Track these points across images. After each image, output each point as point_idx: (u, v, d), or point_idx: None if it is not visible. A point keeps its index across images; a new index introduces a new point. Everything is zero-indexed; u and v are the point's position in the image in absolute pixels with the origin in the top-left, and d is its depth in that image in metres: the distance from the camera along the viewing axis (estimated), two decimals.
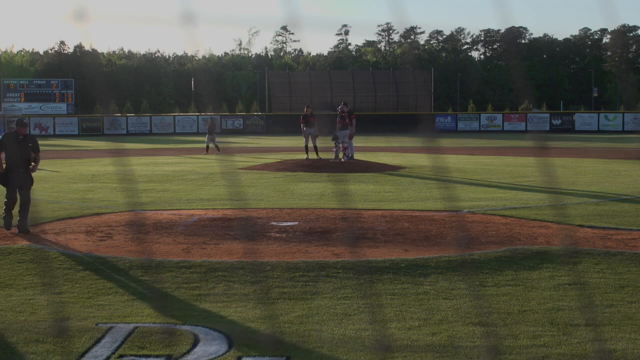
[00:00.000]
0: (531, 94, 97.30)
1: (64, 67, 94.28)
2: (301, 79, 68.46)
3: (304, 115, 24.33)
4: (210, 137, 29.86)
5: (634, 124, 54.26)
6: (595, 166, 22.77)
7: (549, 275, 7.75)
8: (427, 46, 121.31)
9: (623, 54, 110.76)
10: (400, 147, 34.40)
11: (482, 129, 56.86)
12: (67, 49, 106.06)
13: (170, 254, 8.90)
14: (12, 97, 67.97)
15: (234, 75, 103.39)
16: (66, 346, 5.56)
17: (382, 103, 65.10)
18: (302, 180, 18.57)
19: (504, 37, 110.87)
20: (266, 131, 56.96)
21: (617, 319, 6.18)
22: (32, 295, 7.16)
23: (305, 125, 24.06)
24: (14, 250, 9.11)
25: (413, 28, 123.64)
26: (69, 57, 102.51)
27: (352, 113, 24.20)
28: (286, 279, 7.62)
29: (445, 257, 8.52)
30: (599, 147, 35.01)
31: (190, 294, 7.15)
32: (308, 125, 24.08)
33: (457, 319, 6.21)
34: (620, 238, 9.80)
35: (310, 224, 11.18)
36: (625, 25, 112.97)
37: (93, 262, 8.43)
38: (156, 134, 55.45)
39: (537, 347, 5.45)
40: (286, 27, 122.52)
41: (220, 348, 5.52)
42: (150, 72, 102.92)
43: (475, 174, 19.97)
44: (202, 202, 14.32)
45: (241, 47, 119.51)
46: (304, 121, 24.10)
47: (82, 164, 25.17)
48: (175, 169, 22.63)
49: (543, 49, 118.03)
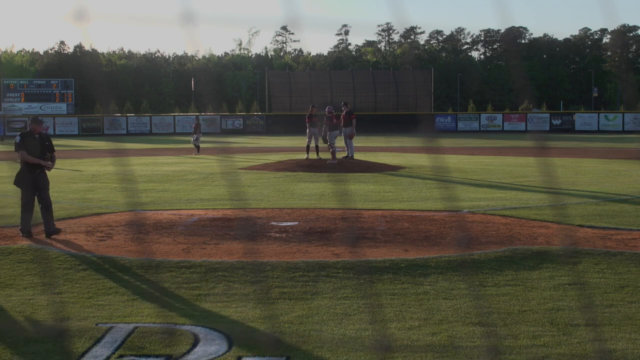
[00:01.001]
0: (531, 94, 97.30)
1: (64, 67, 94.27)
2: (301, 79, 68.45)
3: (309, 115, 24.34)
4: (196, 137, 30.27)
5: (634, 124, 54.26)
6: (595, 166, 22.77)
7: (549, 275, 7.75)
8: (427, 46, 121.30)
9: (623, 54, 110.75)
10: (400, 147, 34.40)
11: (482, 129, 56.87)
12: (67, 49, 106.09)
13: (170, 254, 8.90)
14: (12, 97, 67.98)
15: (234, 75, 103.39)
16: (66, 346, 5.56)
17: (382, 103, 65.10)
18: (302, 180, 18.57)
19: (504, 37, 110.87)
20: (266, 131, 56.97)
21: (617, 319, 6.18)
22: (32, 295, 7.16)
23: (309, 124, 24.09)
24: (14, 250, 9.11)
25: (413, 28, 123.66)
26: (69, 57, 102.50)
27: (352, 113, 24.20)
28: (286, 279, 7.62)
29: (445, 257, 8.52)
30: (599, 147, 35.01)
31: (190, 294, 7.15)
32: (312, 125, 24.11)
33: (457, 319, 6.21)
34: (620, 238, 9.80)
35: (310, 224, 11.17)
36: (625, 25, 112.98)
37: (93, 262, 8.43)
38: (156, 134, 55.44)
39: (537, 347, 5.45)
40: (286, 27, 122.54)
41: (220, 348, 5.51)
42: (150, 72, 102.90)
43: (475, 174, 19.97)
44: (202, 202, 14.32)
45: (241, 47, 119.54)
46: (309, 121, 24.12)
47: (82, 164, 25.17)
48: (175, 169, 22.62)
49: (543, 49, 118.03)
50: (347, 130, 23.83)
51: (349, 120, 23.80)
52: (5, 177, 20.05)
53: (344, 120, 23.92)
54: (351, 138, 23.88)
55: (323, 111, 24.12)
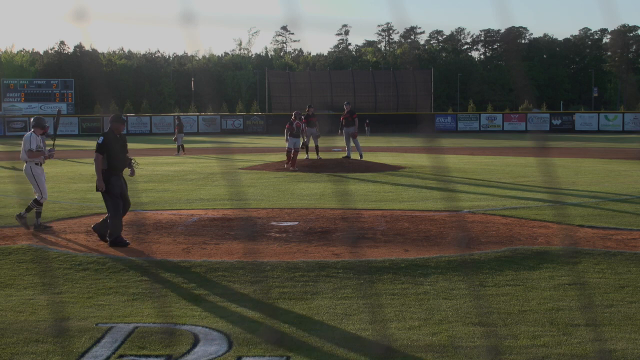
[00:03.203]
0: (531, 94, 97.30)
1: (64, 67, 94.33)
2: (301, 79, 68.52)
3: (306, 115, 24.36)
4: (179, 137, 30.81)
5: (634, 124, 54.28)
6: (595, 166, 22.76)
7: (549, 275, 7.75)
8: (427, 46, 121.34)
9: (623, 54, 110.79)
10: (400, 147, 34.40)
11: (482, 129, 56.88)
12: (67, 49, 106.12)
13: (170, 254, 8.90)
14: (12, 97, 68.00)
15: (234, 75, 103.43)
16: (66, 346, 5.56)
17: (382, 103, 65.16)
18: (302, 180, 18.57)
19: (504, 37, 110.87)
20: (266, 131, 56.97)
21: (617, 319, 6.18)
22: (32, 295, 7.16)
23: (307, 125, 24.08)
24: (14, 250, 9.11)
25: (413, 28, 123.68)
26: (69, 57, 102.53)
27: (354, 113, 24.25)
28: (286, 279, 7.62)
29: (445, 257, 8.52)
30: (599, 147, 35.01)
31: (190, 294, 7.14)
32: (310, 125, 24.11)
33: (457, 319, 6.20)
34: (620, 238, 9.79)
35: (310, 224, 11.17)
36: (625, 25, 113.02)
37: (93, 262, 8.42)
38: (156, 134, 55.46)
39: (537, 347, 5.45)
40: (286, 27, 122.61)
41: (220, 348, 5.51)
42: (150, 72, 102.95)
43: (475, 174, 19.97)
44: (202, 202, 14.32)
45: (241, 47, 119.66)
46: (306, 121, 24.12)
47: (83, 163, 25.16)
48: (176, 169, 22.62)
49: (543, 49, 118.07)
50: (350, 129, 23.81)
51: (351, 119, 23.80)
52: (5, 177, 20.05)
53: (346, 119, 23.91)
54: (355, 137, 23.89)
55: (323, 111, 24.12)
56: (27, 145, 11.13)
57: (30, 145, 11.12)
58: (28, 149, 11.10)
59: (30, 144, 11.13)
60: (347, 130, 23.87)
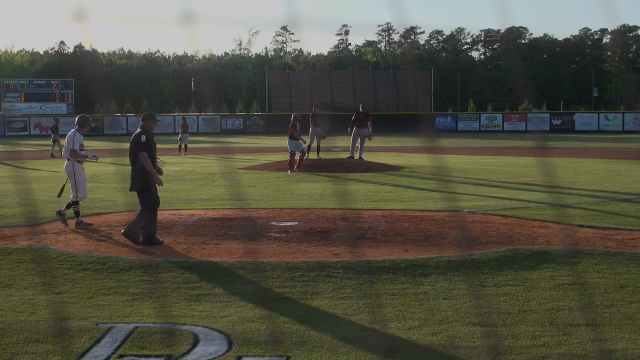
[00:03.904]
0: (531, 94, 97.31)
1: (64, 67, 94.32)
2: (301, 79, 68.51)
3: (313, 114, 24.29)
4: (184, 137, 30.96)
5: (634, 124, 54.25)
6: (595, 166, 22.76)
7: (549, 275, 7.75)
8: (427, 46, 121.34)
9: (623, 54, 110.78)
10: (400, 147, 34.41)
11: (482, 129, 56.86)
12: (67, 49, 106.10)
13: (170, 254, 8.91)
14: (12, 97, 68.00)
15: (234, 75, 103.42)
16: (66, 346, 5.56)
17: (382, 103, 65.13)
18: (302, 180, 18.57)
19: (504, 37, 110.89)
20: (266, 131, 56.97)
21: (617, 319, 6.18)
22: (32, 295, 7.16)
23: (312, 124, 24.04)
24: (14, 250, 9.11)
25: (413, 28, 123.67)
26: (69, 57, 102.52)
27: (368, 115, 24.00)
28: (286, 279, 7.62)
29: (445, 257, 8.52)
30: (599, 147, 35.00)
31: (190, 294, 7.14)
32: (315, 125, 24.06)
33: (457, 319, 6.20)
34: (620, 238, 9.79)
35: (310, 224, 11.17)
36: (625, 25, 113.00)
37: (93, 262, 8.43)
38: (156, 134, 55.22)
39: (537, 347, 5.45)
40: (286, 27, 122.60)
41: (220, 348, 5.51)
42: (150, 72, 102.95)
43: (475, 174, 19.97)
44: (202, 202, 14.32)
45: (241, 47, 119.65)
46: (312, 120, 24.06)
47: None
48: (176, 169, 22.62)
49: (543, 49, 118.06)
50: (365, 131, 23.55)
51: (365, 121, 23.55)
52: (5, 177, 20.05)
53: (360, 121, 23.50)
54: (370, 139, 23.84)
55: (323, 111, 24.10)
56: (71, 144, 11.22)
57: (74, 145, 11.20)
58: (72, 147, 11.18)
59: (74, 143, 11.21)
60: (358, 130, 23.65)
